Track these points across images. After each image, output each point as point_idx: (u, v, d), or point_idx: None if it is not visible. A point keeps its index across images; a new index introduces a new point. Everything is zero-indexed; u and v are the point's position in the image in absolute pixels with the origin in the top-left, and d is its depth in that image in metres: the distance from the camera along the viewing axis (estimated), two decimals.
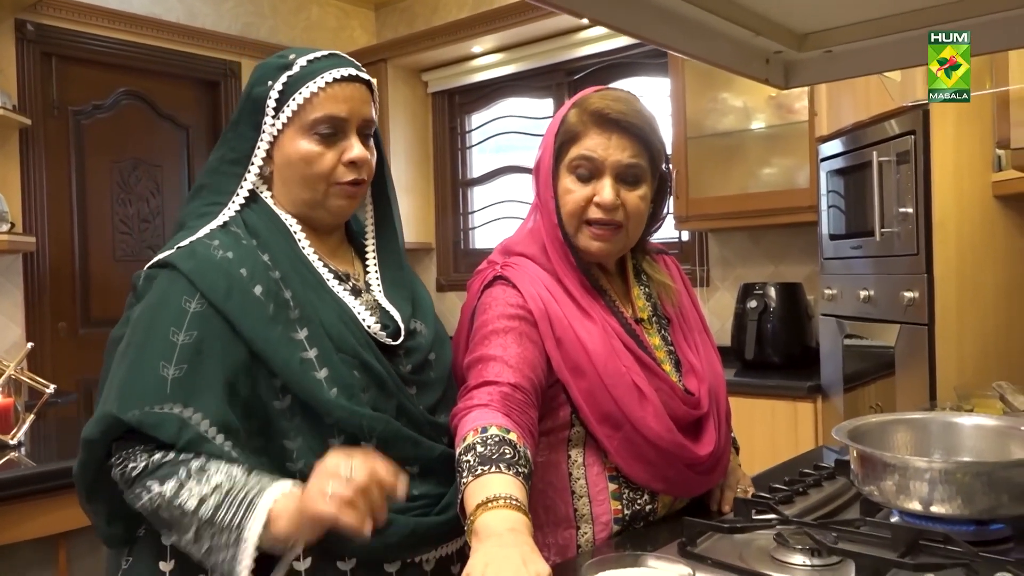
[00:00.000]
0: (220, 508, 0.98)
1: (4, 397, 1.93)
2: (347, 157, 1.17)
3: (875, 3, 0.69)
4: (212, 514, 0.98)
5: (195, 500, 0.99)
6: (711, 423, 1.31)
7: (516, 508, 0.96)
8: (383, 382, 1.15)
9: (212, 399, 1.04)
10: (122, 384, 1.05)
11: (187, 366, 1.04)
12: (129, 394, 1.03)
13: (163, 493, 1.00)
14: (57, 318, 3.72)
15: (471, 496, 0.99)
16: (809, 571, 1.02)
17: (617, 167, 1.25)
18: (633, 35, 0.75)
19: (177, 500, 0.99)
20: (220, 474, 1.00)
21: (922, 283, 2.11)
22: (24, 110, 3.51)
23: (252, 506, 0.98)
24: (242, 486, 1.00)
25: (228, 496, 0.98)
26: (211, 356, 1.06)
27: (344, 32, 4.85)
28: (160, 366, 1.04)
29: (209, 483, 0.99)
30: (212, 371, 1.05)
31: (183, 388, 1.03)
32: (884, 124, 2.26)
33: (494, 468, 1.01)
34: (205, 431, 1.02)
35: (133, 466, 1.02)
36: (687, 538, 1.11)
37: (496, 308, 1.24)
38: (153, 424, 1.01)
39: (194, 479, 1.00)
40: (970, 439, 1.25)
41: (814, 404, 2.77)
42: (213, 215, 1.18)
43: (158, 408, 1.02)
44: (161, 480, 1.01)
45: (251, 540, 0.97)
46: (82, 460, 1.07)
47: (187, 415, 1.02)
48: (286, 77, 1.17)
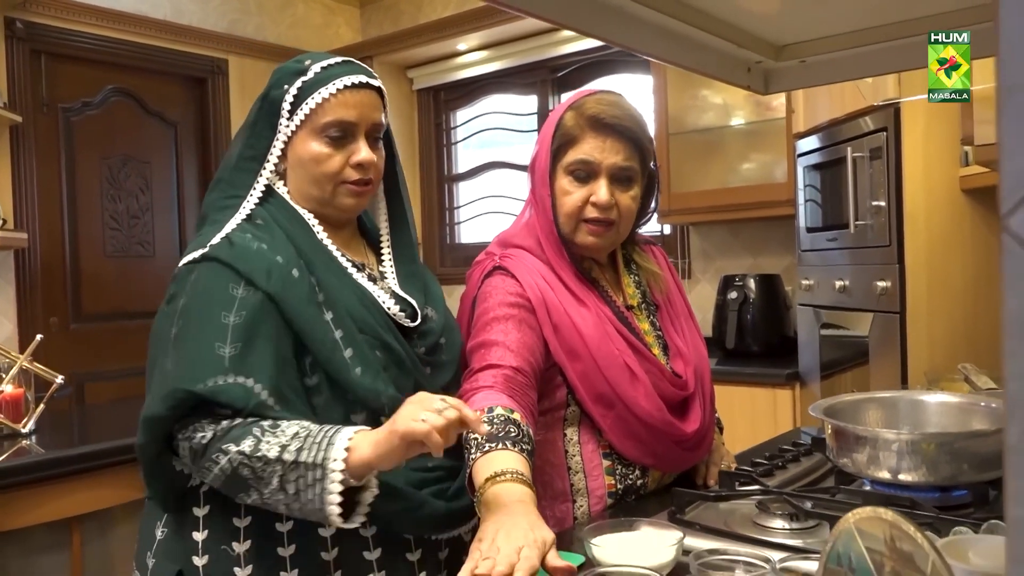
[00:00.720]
0: (302, 450, 1.04)
1: (15, 388, 1.99)
2: (354, 159, 1.24)
3: (842, 20, 0.78)
4: (295, 456, 1.04)
5: (276, 449, 1.04)
6: (697, 403, 1.41)
7: (522, 482, 1.05)
8: (402, 361, 1.22)
9: (267, 371, 1.11)
10: (183, 364, 1.10)
11: (241, 344, 1.10)
12: (192, 371, 1.09)
13: (242, 451, 1.05)
14: (49, 313, 3.75)
15: (480, 471, 1.08)
16: (788, 534, 1.11)
17: (612, 169, 1.34)
18: (625, 47, 0.83)
19: (259, 452, 1.05)
20: (294, 425, 1.07)
21: (894, 273, 2.22)
22: (14, 107, 3.53)
23: (332, 442, 1.04)
24: (319, 429, 1.06)
25: (307, 440, 1.05)
26: (262, 335, 1.12)
27: (329, 29, 4.90)
28: (216, 347, 1.10)
29: (285, 434, 1.06)
30: (264, 347, 1.12)
31: (241, 363, 1.10)
32: (858, 121, 2.36)
33: (500, 445, 1.09)
34: (266, 399, 1.09)
35: (202, 435, 1.08)
36: (676, 507, 1.20)
37: (496, 296, 1.32)
38: (223, 392, 1.07)
39: (270, 433, 1.06)
40: (935, 415, 1.35)
41: (792, 391, 2.88)
42: (234, 208, 1.24)
43: (227, 379, 1.08)
44: (236, 441, 1.06)
45: (337, 469, 1.03)
46: (146, 438, 1.12)
47: (250, 384, 1.09)
48: (301, 82, 1.24)
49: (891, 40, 0.77)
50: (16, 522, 1.78)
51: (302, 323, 1.15)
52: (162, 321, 1.19)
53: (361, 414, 1.17)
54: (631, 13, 0.74)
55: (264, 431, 1.07)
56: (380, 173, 1.30)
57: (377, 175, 1.29)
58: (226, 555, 1.15)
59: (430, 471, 1.22)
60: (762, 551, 1.00)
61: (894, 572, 0.44)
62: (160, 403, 1.10)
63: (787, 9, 0.77)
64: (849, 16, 0.76)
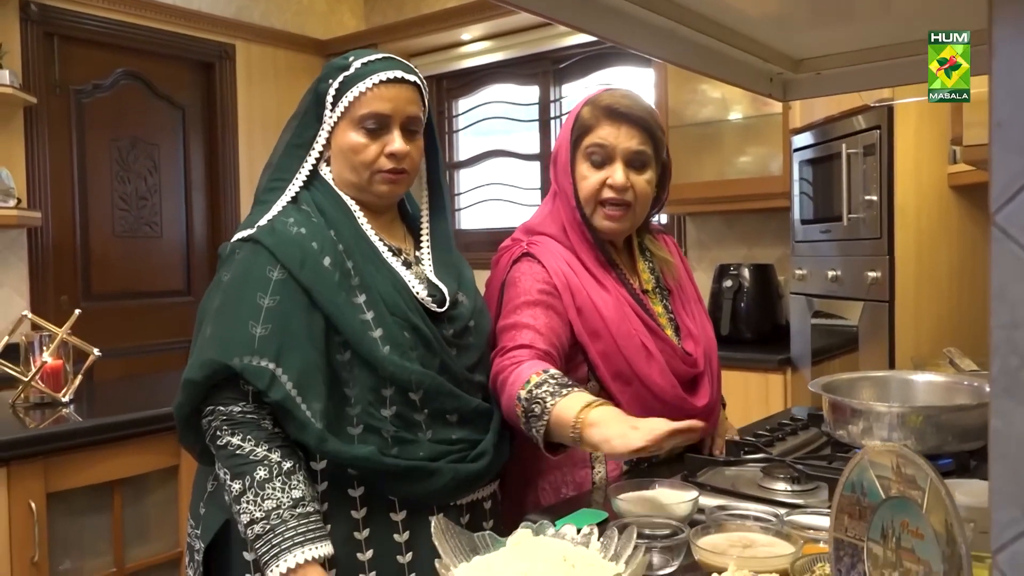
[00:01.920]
0: (260, 539, 1.17)
1: (54, 359, 2.09)
2: (388, 149, 1.33)
3: (854, 40, 0.90)
4: (253, 540, 1.18)
5: (247, 517, 1.18)
6: (706, 379, 1.53)
7: (610, 405, 1.22)
8: (429, 342, 1.32)
9: (294, 357, 1.22)
10: (219, 337, 1.23)
11: (271, 326, 1.22)
12: (227, 345, 1.22)
13: (232, 488, 1.20)
14: (60, 291, 3.83)
15: (567, 407, 1.21)
16: (790, 494, 1.24)
17: (627, 153, 1.46)
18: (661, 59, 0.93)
19: (237, 505, 1.19)
20: (272, 499, 1.18)
21: (884, 264, 2.34)
22: (28, 88, 3.60)
23: (277, 559, 1.15)
24: (284, 530, 1.17)
25: (269, 533, 1.16)
26: (293, 317, 1.23)
27: (334, 17, 4.98)
28: (249, 324, 1.22)
29: (262, 506, 1.18)
30: (294, 331, 1.23)
31: (270, 345, 1.21)
32: (853, 119, 2.48)
33: (577, 388, 1.25)
34: (289, 389, 1.20)
35: (219, 436, 1.22)
36: (688, 471, 1.33)
37: (525, 282, 1.43)
38: (251, 372, 1.20)
39: (253, 492, 1.18)
40: (923, 392, 1.48)
41: (784, 376, 3.00)
42: (281, 189, 1.35)
43: (254, 361, 1.20)
44: (233, 475, 1.20)
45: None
46: (182, 399, 1.25)
47: (278, 372, 1.21)
48: (343, 76, 1.34)
49: (897, 58, 0.89)
50: (62, 484, 1.89)
51: (332, 308, 1.25)
52: (209, 293, 1.31)
53: (391, 388, 1.27)
54: (667, 29, 0.84)
55: (252, 486, 1.19)
56: (415, 163, 1.39)
57: (412, 165, 1.38)
58: None
59: (452, 443, 1.32)
60: (768, 508, 1.12)
61: (899, 492, 0.55)
62: (197, 370, 1.22)
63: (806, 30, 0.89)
64: (860, 37, 0.88)
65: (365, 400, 1.26)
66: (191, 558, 1.34)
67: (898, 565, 0.57)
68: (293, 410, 1.20)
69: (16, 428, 1.94)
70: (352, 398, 1.27)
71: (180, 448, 2.05)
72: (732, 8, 0.79)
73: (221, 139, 4.41)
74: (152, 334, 4.15)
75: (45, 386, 2.09)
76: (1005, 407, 0.42)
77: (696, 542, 0.99)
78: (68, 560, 1.94)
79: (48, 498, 1.86)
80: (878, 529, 0.59)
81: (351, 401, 1.27)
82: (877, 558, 0.59)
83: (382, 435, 1.26)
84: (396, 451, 1.26)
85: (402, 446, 1.27)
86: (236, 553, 1.27)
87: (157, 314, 4.20)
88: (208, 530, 1.29)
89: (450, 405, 1.33)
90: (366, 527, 1.27)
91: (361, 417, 1.25)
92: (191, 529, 1.35)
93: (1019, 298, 0.41)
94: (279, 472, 1.19)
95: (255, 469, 1.19)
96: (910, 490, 0.54)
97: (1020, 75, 0.42)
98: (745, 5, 0.79)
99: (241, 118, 4.48)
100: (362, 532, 1.26)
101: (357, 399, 1.27)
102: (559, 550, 0.94)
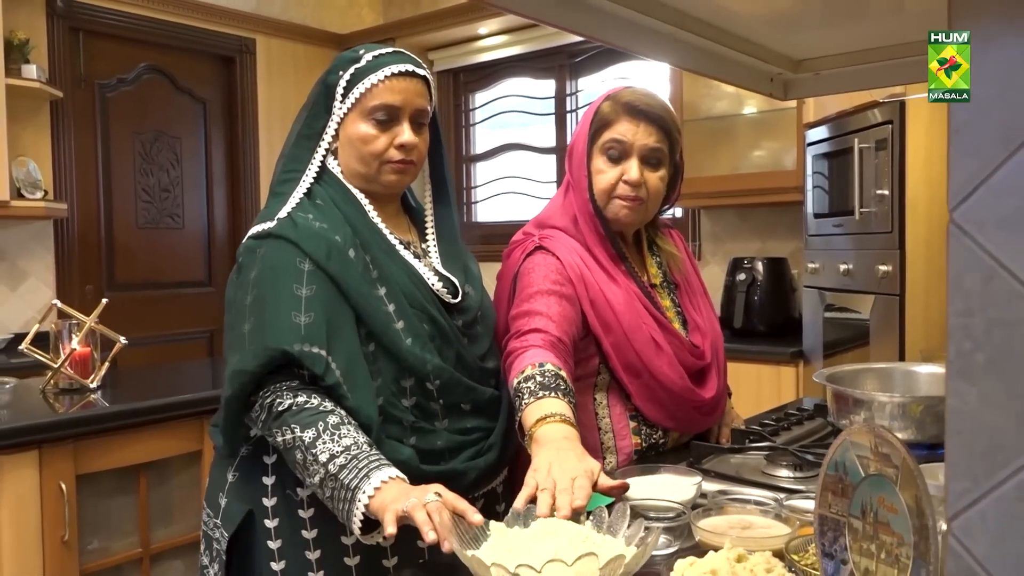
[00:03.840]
0: (344, 468, 1.16)
1: (83, 346, 2.16)
2: (398, 141, 1.36)
3: (851, 42, 0.93)
4: (337, 471, 1.15)
5: (326, 455, 1.16)
6: (713, 371, 1.57)
7: (569, 423, 1.20)
8: (446, 333, 1.36)
9: (340, 345, 1.24)
10: (266, 326, 1.24)
11: (314, 314, 1.24)
12: (279, 333, 1.23)
13: (302, 438, 1.18)
14: (85, 281, 3.92)
15: (531, 414, 1.23)
16: (792, 481, 1.27)
17: (643, 150, 1.49)
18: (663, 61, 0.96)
19: (314, 448, 1.17)
20: (349, 437, 1.18)
21: (895, 258, 2.36)
22: (54, 83, 3.68)
23: (368, 477, 1.15)
24: (365, 456, 1.17)
25: (351, 461, 1.17)
26: (330, 307, 1.26)
27: (352, 11, 5.03)
28: (292, 314, 1.24)
29: (340, 443, 1.17)
30: (334, 319, 1.25)
31: (318, 333, 1.23)
32: (866, 114, 2.49)
33: (552, 394, 1.24)
34: (339, 377, 1.23)
35: (280, 402, 1.22)
36: (694, 458, 1.37)
37: (540, 271, 1.47)
38: (308, 357, 1.22)
39: (329, 434, 1.18)
40: (925, 383, 1.51)
41: (796, 368, 3.03)
42: (295, 181, 1.38)
43: (307, 347, 1.22)
44: (303, 426, 1.19)
45: (363, 502, 1.15)
46: (234, 390, 1.25)
47: (327, 357, 1.23)
48: (354, 68, 1.37)
49: (894, 59, 0.92)
50: (90, 467, 1.96)
51: (358, 298, 1.28)
52: (235, 290, 1.32)
53: (410, 380, 1.31)
54: (666, 33, 0.87)
55: (327, 429, 1.18)
56: (423, 155, 1.42)
57: (419, 157, 1.41)
58: (291, 499, 1.30)
59: (468, 433, 1.36)
60: (768, 493, 1.16)
61: (876, 469, 0.59)
62: (252, 359, 1.23)
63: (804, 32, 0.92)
64: (857, 39, 0.91)
65: (387, 391, 1.29)
66: (208, 546, 1.37)
67: (875, 538, 0.61)
68: (343, 398, 1.23)
69: (47, 412, 2.01)
70: (375, 389, 1.29)
71: (203, 434, 2.13)
72: (731, 12, 0.83)
73: (241, 132, 4.49)
74: (173, 323, 4.24)
75: (74, 372, 2.16)
76: (959, 387, 0.46)
77: (697, 523, 1.03)
78: (96, 540, 2.01)
79: (77, 480, 1.93)
80: (858, 505, 0.63)
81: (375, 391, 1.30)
82: (857, 532, 0.63)
83: (402, 424, 1.29)
84: (415, 440, 1.30)
85: (421, 435, 1.31)
86: (260, 542, 1.30)
87: (178, 303, 4.29)
88: (231, 520, 1.32)
89: (464, 396, 1.36)
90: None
91: (383, 407, 1.28)
92: (208, 518, 1.38)
93: (972, 288, 0.45)
94: (348, 420, 1.21)
95: (327, 416, 1.20)
96: (886, 468, 0.58)
97: (976, 85, 0.46)
98: (743, 9, 0.83)
99: (261, 111, 4.55)
100: None
101: (380, 390, 1.29)
102: (580, 530, 0.98)
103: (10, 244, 3.64)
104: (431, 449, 1.31)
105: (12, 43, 3.39)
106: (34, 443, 1.86)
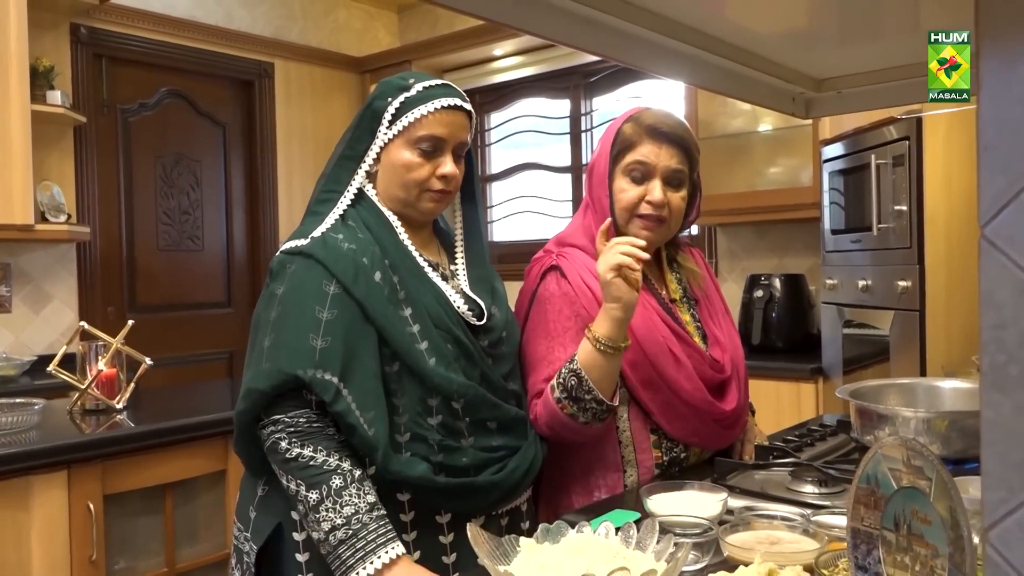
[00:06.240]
0: (343, 544, 1.20)
1: (109, 368, 2.19)
2: (440, 171, 1.40)
3: (872, 61, 0.95)
4: (336, 545, 1.20)
5: (328, 524, 1.20)
6: (734, 385, 1.57)
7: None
8: (470, 354, 1.38)
9: (355, 372, 1.27)
10: (282, 348, 1.27)
11: (331, 339, 1.27)
12: (293, 356, 1.26)
13: (308, 499, 1.22)
14: (106, 303, 3.96)
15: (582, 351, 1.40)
16: (818, 497, 1.28)
17: (666, 171, 1.51)
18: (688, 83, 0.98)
19: (316, 514, 1.22)
20: (351, 505, 1.21)
21: (914, 273, 2.37)
22: (78, 108, 3.74)
23: (363, 560, 1.19)
24: (364, 530, 1.20)
25: (352, 537, 1.20)
26: (350, 331, 1.29)
27: (368, 34, 5.09)
28: (310, 337, 1.27)
29: (342, 512, 1.21)
30: (352, 345, 1.28)
31: (332, 359, 1.26)
32: (882, 130, 2.51)
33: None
34: (350, 403, 1.26)
35: (288, 449, 1.25)
36: (719, 474, 1.37)
37: (555, 304, 1.51)
38: (318, 384, 1.25)
39: (332, 500, 1.21)
40: (949, 398, 1.51)
41: (816, 385, 3.02)
42: (332, 202, 1.41)
43: (319, 374, 1.25)
44: (308, 486, 1.23)
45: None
46: (246, 406, 1.29)
47: (340, 387, 1.26)
48: (404, 97, 1.40)
49: (914, 77, 0.94)
50: (118, 486, 1.98)
51: (383, 321, 1.31)
52: (263, 304, 1.36)
53: (436, 399, 1.33)
54: (690, 55, 0.89)
55: (330, 494, 1.22)
56: (459, 185, 1.47)
57: (456, 186, 1.45)
58: None
59: (493, 451, 1.38)
60: (795, 508, 1.17)
61: (909, 482, 0.60)
62: (264, 379, 1.27)
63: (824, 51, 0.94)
64: (876, 58, 0.93)
65: (413, 410, 1.32)
66: (239, 560, 1.39)
67: (909, 549, 0.61)
68: (356, 425, 1.25)
69: (75, 433, 2.04)
70: (400, 407, 1.32)
71: (228, 453, 2.15)
72: (752, 32, 0.85)
73: (260, 154, 4.54)
74: (194, 344, 4.28)
75: (100, 393, 2.19)
76: (994, 399, 0.47)
77: (725, 539, 1.04)
78: (123, 560, 2.03)
79: (105, 500, 1.95)
80: (891, 518, 0.64)
81: (399, 411, 1.32)
82: (891, 544, 0.64)
83: (428, 443, 1.31)
84: (442, 458, 1.32)
85: (447, 453, 1.33)
86: (288, 554, 1.32)
87: (198, 324, 4.33)
88: (260, 533, 1.34)
89: (490, 414, 1.39)
90: (413, 529, 1.32)
91: (408, 426, 1.31)
92: (238, 532, 1.40)
93: (1005, 301, 0.46)
94: (352, 480, 1.24)
95: (330, 478, 1.23)
96: (919, 480, 0.59)
97: (1003, 105, 0.47)
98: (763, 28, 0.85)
99: (280, 134, 4.61)
100: (410, 534, 1.32)
101: (405, 408, 1.32)
102: (610, 546, 0.99)
103: (35, 267, 3.69)
104: (455, 465, 1.33)
105: (37, 70, 3.45)
106: (63, 463, 1.89)
